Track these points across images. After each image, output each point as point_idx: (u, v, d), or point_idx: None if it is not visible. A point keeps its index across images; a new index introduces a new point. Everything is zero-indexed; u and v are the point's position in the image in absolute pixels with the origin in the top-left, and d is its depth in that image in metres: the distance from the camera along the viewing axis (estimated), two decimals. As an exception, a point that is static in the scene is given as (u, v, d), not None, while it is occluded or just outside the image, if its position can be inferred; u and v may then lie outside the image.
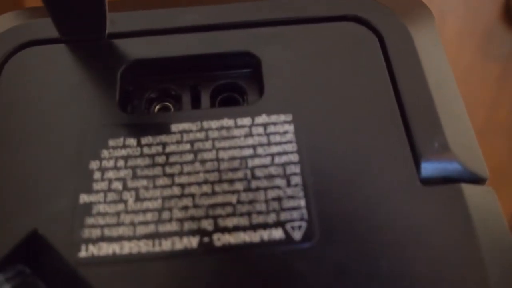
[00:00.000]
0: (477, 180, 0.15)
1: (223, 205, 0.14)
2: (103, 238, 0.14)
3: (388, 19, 0.17)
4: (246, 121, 0.15)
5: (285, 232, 0.14)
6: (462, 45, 0.44)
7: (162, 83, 0.17)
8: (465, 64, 0.44)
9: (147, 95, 0.17)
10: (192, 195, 0.14)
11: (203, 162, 0.15)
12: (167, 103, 0.17)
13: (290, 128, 0.15)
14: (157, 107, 0.17)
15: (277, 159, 0.15)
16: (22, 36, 0.17)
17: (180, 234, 0.14)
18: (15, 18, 0.18)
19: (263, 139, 0.15)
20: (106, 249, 0.13)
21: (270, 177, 0.14)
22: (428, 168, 0.15)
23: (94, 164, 0.15)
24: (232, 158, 0.15)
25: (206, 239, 0.13)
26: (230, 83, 0.17)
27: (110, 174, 0.14)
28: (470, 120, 0.16)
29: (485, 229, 0.14)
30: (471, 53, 0.44)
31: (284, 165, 0.14)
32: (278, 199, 0.14)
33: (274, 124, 0.15)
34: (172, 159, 0.15)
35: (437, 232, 0.14)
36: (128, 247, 0.13)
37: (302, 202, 0.14)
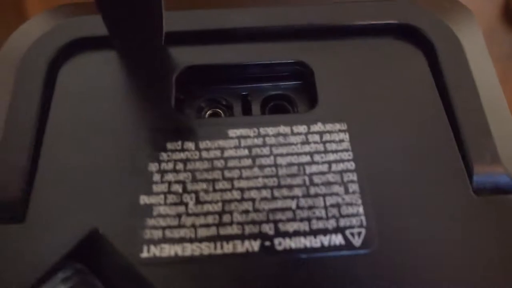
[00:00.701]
0: None
1: (283, 210, 0.14)
2: (165, 240, 0.14)
3: (439, 28, 0.17)
4: (302, 128, 0.16)
5: (345, 238, 0.14)
6: (462, 45, 0.45)
7: (213, 92, 0.17)
8: (466, 64, 0.45)
9: (199, 103, 0.17)
10: (252, 200, 0.14)
11: (261, 167, 0.15)
12: (218, 110, 0.17)
13: (345, 136, 0.15)
14: (208, 112, 0.17)
15: (334, 167, 0.15)
16: (76, 32, 0.17)
17: (241, 237, 0.14)
18: (53, 16, 0.18)
19: (320, 147, 0.15)
20: (168, 250, 0.14)
21: (328, 183, 0.15)
22: (480, 181, 0.15)
23: (153, 167, 0.15)
24: (290, 164, 0.15)
25: (267, 243, 0.14)
26: (281, 94, 0.17)
27: (170, 177, 0.15)
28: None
29: None
30: (471, 53, 0.45)
31: (341, 172, 0.15)
32: (337, 205, 0.14)
33: (330, 132, 0.15)
34: (231, 163, 0.15)
35: (492, 242, 0.14)
36: (190, 249, 0.14)
37: (361, 209, 0.14)
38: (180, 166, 0.15)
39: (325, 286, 0.13)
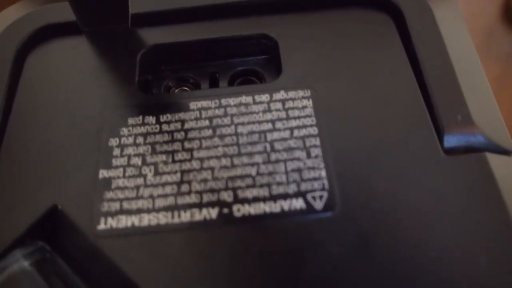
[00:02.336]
0: (501, 151, 0.14)
1: (243, 177, 0.14)
2: (122, 211, 0.13)
3: None
4: (264, 97, 0.15)
5: (306, 202, 0.13)
6: (462, 45, 0.44)
7: (181, 71, 0.17)
8: (465, 64, 0.44)
9: (167, 82, 0.17)
10: (211, 168, 0.14)
11: (221, 137, 0.14)
12: (185, 88, 0.17)
13: (308, 103, 0.15)
14: (176, 91, 0.17)
15: (296, 132, 0.14)
16: (44, 19, 0.18)
17: (199, 206, 0.13)
18: (29, 6, 0.19)
19: (282, 114, 0.15)
20: (125, 221, 0.13)
21: (290, 149, 0.14)
22: (451, 140, 0.14)
23: (113, 141, 0.15)
24: (251, 133, 0.15)
25: (225, 210, 0.13)
26: (248, 69, 0.17)
27: (130, 150, 0.14)
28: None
29: None
30: (471, 53, 0.44)
31: (303, 138, 0.14)
32: (298, 170, 0.14)
33: (293, 99, 0.15)
34: (191, 134, 0.15)
35: (462, 199, 0.13)
36: (147, 219, 0.13)
37: (323, 173, 0.14)
38: (140, 139, 0.15)
39: (286, 249, 0.13)
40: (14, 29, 0.17)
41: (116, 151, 0.14)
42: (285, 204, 0.13)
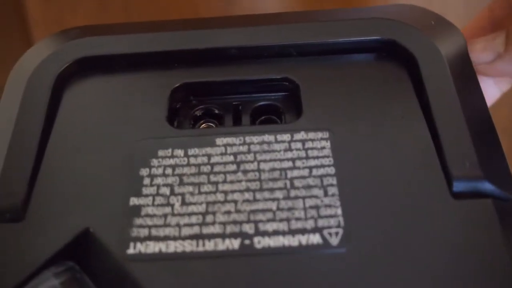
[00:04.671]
0: (506, 198, 0.15)
1: (264, 211, 0.15)
2: (150, 237, 0.14)
3: (422, 44, 0.18)
4: (286, 137, 0.16)
5: (323, 237, 0.14)
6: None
7: (207, 102, 0.18)
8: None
9: (193, 112, 0.18)
10: (235, 201, 0.15)
11: (245, 172, 0.16)
12: (211, 123, 0.18)
13: (327, 144, 0.16)
14: (202, 126, 0.18)
15: (315, 171, 0.15)
16: (81, 52, 0.19)
17: (222, 236, 0.14)
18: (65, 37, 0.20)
19: (302, 153, 0.16)
20: (153, 247, 0.14)
21: (308, 187, 0.15)
22: (460, 185, 0.15)
23: (144, 171, 0.16)
24: (272, 169, 0.16)
25: (247, 242, 0.14)
26: (269, 104, 0.18)
27: (159, 181, 0.15)
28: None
29: None
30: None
31: (321, 176, 0.15)
32: (316, 207, 0.15)
33: (312, 140, 0.16)
34: (217, 168, 0.16)
35: (467, 241, 0.14)
36: (173, 246, 0.14)
37: (339, 211, 0.15)
38: (169, 171, 0.16)
39: (302, 282, 0.14)
40: (51, 60, 0.18)
41: (146, 181, 0.16)
42: (303, 239, 0.14)
